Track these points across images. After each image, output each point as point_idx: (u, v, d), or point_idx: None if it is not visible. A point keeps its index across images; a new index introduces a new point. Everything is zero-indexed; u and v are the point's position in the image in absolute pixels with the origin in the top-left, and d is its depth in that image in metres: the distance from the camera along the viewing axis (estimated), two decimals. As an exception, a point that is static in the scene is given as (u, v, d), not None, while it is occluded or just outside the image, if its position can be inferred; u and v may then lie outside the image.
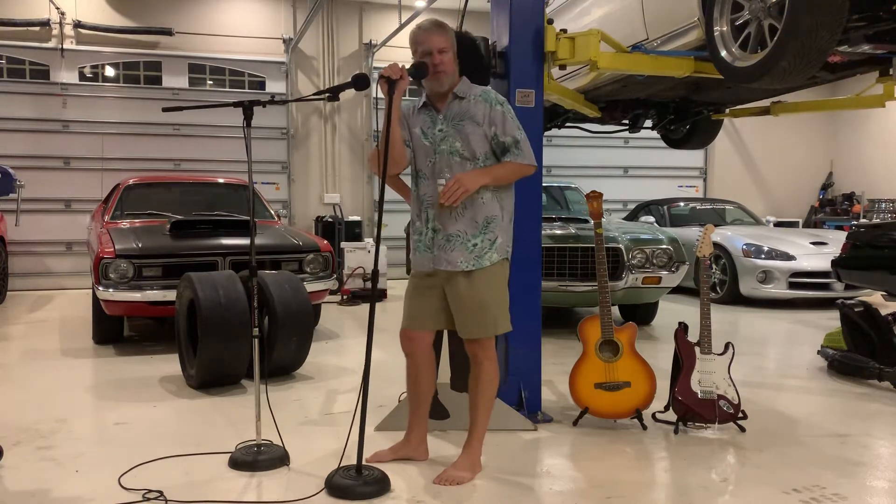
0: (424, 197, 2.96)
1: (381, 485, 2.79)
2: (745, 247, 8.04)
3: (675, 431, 3.55)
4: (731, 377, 3.56)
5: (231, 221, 6.29)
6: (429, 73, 2.89)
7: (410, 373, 3.12)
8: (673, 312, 7.03)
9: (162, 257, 5.50)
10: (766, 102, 5.52)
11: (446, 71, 2.91)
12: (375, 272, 2.82)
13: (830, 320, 6.05)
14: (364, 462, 2.82)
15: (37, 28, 9.51)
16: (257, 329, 3.15)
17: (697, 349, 3.57)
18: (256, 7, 10.47)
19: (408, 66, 2.87)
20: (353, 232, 9.83)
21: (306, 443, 3.39)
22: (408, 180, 3.14)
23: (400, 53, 9.73)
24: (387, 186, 3.51)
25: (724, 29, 3.60)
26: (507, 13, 3.69)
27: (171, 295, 5.06)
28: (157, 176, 8.07)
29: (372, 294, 2.80)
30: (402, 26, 9.37)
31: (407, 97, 3.02)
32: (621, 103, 5.73)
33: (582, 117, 6.09)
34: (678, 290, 6.98)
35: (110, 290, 5.27)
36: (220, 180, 7.63)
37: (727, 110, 5.86)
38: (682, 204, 9.96)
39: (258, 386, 3.14)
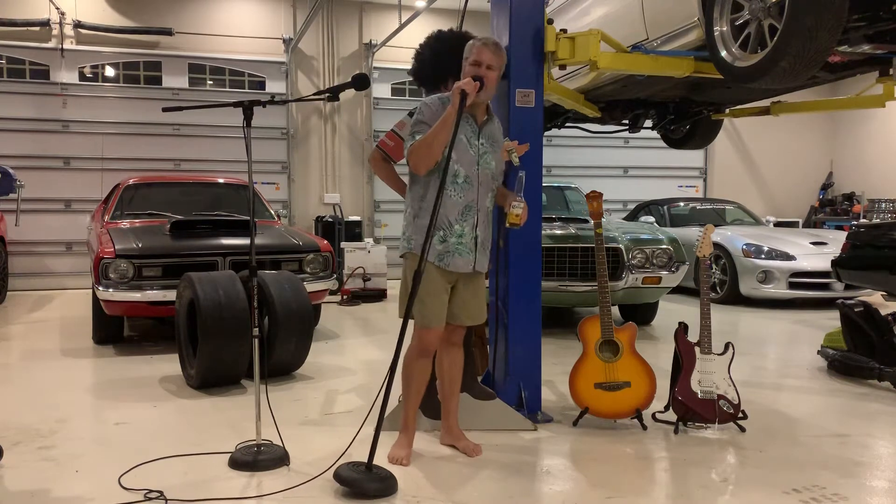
0: (472, 203, 3.05)
1: (387, 483, 2.80)
2: (745, 247, 8.04)
3: (675, 431, 3.55)
4: (731, 377, 3.56)
5: (231, 221, 6.29)
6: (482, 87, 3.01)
7: (436, 368, 3.27)
8: (673, 312, 7.03)
9: (162, 257, 5.50)
10: (766, 102, 5.51)
11: (488, 86, 3.03)
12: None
13: (830, 320, 6.05)
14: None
15: (37, 28, 9.52)
16: (257, 329, 3.16)
17: (697, 349, 3.57)
18: (256, 7, 10.47)
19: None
20: (353, 232, 9.85)
21: (306, 443, 3.39)
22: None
23: (400, 53, 9.73)
24: (385, 185, 3.61)
25: (724, 29, 3.60)
26: (507, 13, 3.69)
27: (171, 295, 5.06)
28: (157, 176, 8.07)
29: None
30: (401, 26, 9.37)
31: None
32: (621, 103, 5.72)
33: (582, 117, 6.08)
34: (678, 290, 6.98)
35: (110, 290, 5.28)
36: (220, 180, 7.63)
37: (727, 110, 5.85)
38: (682, 204, 9.96)
39: (258, 386, 3.14)
